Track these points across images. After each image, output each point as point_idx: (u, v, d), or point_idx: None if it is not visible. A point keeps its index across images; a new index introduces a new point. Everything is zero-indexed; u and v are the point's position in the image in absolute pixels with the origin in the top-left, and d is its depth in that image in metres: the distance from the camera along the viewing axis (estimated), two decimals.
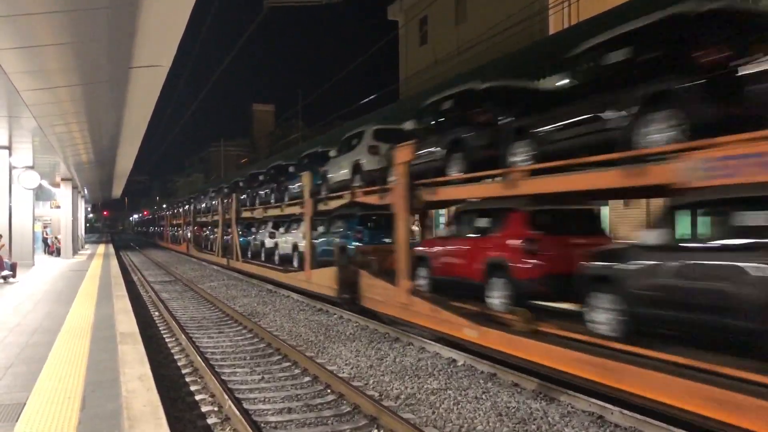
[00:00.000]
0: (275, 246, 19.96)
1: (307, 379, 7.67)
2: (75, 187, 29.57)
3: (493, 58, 14.93)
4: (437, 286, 10.01)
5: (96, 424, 4.46)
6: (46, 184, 26.28)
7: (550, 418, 6.03)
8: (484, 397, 6.76)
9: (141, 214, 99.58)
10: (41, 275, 17.43)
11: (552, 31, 17.69)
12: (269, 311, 13.38)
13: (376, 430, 5.78)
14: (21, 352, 6.94)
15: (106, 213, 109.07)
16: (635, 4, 10.29)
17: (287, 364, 8.45)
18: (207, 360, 8.38)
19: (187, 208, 38.52)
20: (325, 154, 15.55)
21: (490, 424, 5.90)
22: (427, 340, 9.32)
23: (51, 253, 28.13)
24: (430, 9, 25.02)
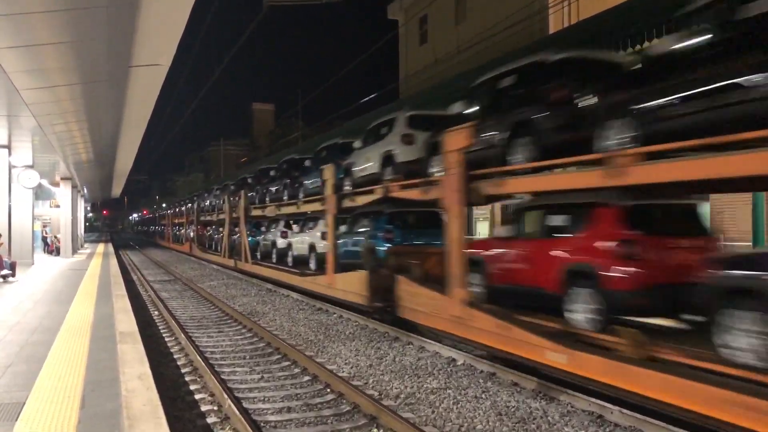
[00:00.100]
0: (288, 246, 18.64)
1: (307, 378, 7.67)
2: (74, 186, 29.57)
3: (493, 58, 14.93)
4: (494, 295, 8.68)
5: (96, 423, 4.46)
6: (45, 183, 26.29)
7: (549, 418, 6.03)
8: (483, 396, 6.76)
9: (141, 214, 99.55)
10: (41, 274, 17.43)
11: (552, 30, 17.69)
12: (269, 310, 13.38)
13: (375, 430, 5.78)
14: (20, 351, 6.94)
15: (105, 212, 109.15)
16: (634, 3, 10.31)
17: (287, 364, 8.45)
18: (206, 359, 8.37)
19: (190, 206, 37.18)
20: (348, 146, 14.22)
21: (490, 423, 5.90)
22: (427, 340, 9.31)
23: (50, 252, 28.13)
24: (430, 8, 25.03)
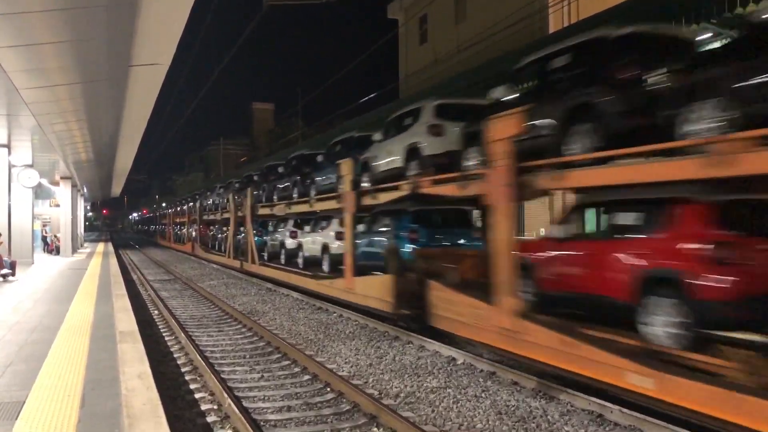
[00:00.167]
0: (298, 247, 17.70)
1: (307, 377, 7.67)
2: (74, 185, 29.56)
3: (493, 57, 14.93)
4: (545, 304, 7.70)
5: (95, 422, 4.46)
6: (45, 182, 26.29)
7: (549, 417, 6.03)
8: (483, 395, 6.76)
9: (140, 213, 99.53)
10: (41, 274, 17.43)
11: (552, 29, 17.70)
12: (269, 309, 13.38)
13: (375, 429, 5.78)
14: (20, 350, 6.94)
15: (105, 211, 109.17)
16: (634, 3, 10.31)
17: (287, 363, 8.45)
18: (206, 358, 8.37)
19: (193, 205, 36.16)
20: (365, 139, 13.37)
21: (490, 422, 5.91)
22: (427, 339, 9.31)
23: (50, 251, 28.13)
24: (430, 7, 25.04)
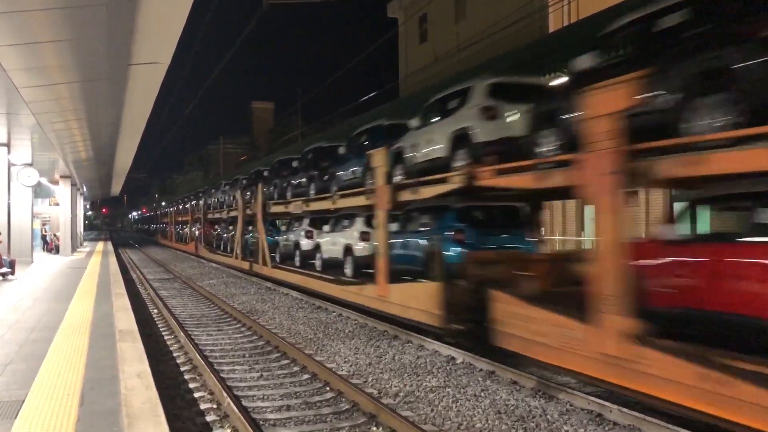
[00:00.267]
0: (316, 248, 16.09)
1: (306, 376, 7.67)
2: (74, 184, 29.55)
3: (493, 56, 14.92)
4: (658, 324, 5.77)
5: (95, 421, 4.46)
6: (44, 181, 26.28)
7: (549, 416, 6.04)
8: (483, 394, 6.77)
9: (140, 212, 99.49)
10: (40, 273, 17.42)
11: (552, 29, 17.70)
12: (268, 309, 13.38)
13: (375, 428, 5.79)
14: (20, 349, 6.93)
15: (105, 210, 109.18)
16: (633, 2, 10.29)
17: (286, 362, 8.45)
18: (206, 357, 8.38)
19: (196, 203, 34.81)
20: (397, 128, 12.07)
21: (489, 421, 5.91)
22: (427, 338, 9.31)
23: (50, 250, 28.12)
24: (430, 6, 25.05)
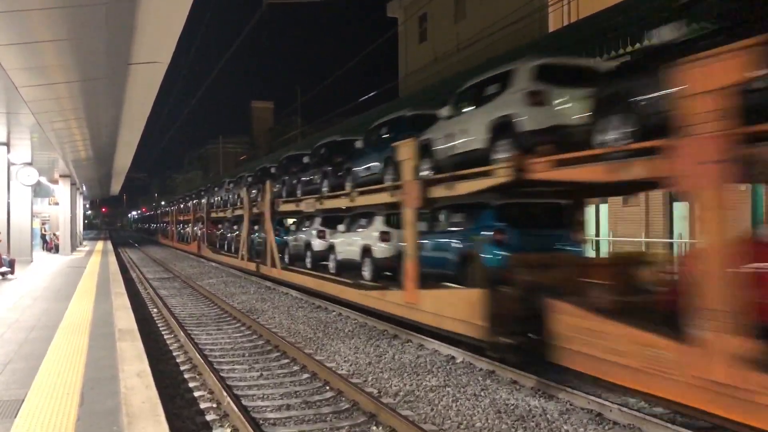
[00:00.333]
0: (329, 249, 14.96)
1: (306, 376, 7.67)
2: (73, 183, 29.56)
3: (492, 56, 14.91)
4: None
5: (95, 420, 4.46)
6: (44, 180, 26.29)
7: (548, 416, 6.04)
8: (482, 394, 6.77)
9: (140, 211, 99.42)
10: (39, 272, 17.42)
11: (552, 28, 17.69)
12: (268, 308, 13.38)
13: (374, 427, 5.79)
14: (19, 348, 6.93)
15: (104, 210, 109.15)
16: (633, 1, 10.29)
17: (286, 361, 8.45)
18: (205, 357, 8.38)
19: (198, 202, 33.52)
20: (423, 119, 11.08)
21: (489, 421, 5.91)
22: (426, 337, 9.31)
23: (49, 249, 28.12)
24: (430, 6, 25.04)
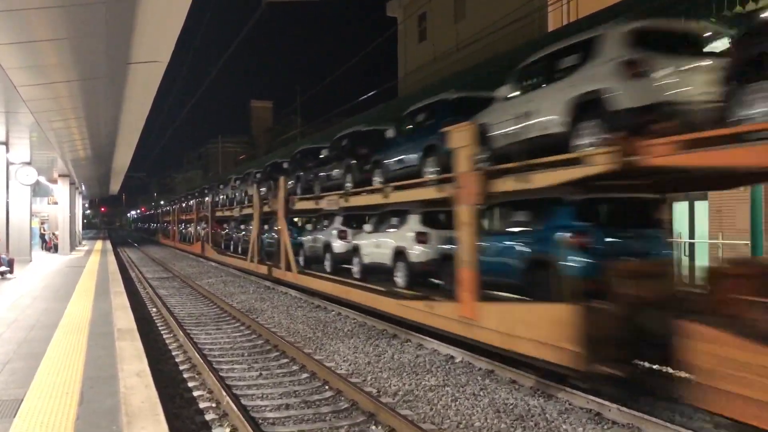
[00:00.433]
0: (353, 251, 13.43)
1: (305, 375, 7.67)
2: (72, 183, 29.53)
3: (492, 56, 14.91)
4: None
5: (94, 419, 4.46)
6: (43, 180, 26.27)
7: (548, 415, 6.04)
8: (482, 393, 6.77)
9: (139, 211, 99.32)
10: (39, 271, 17.41)
11: (551, 28, 17.69)
12: (267, 308, 13.38)
13: (374, 427, 5.79)
14: (19, 348, 6.93)
15: (103, 209, 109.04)
16: (632, 1, 10.29)
17: (285, 361, 8.45)
18: (205, 356, 8.38)
19: (202, 200, 32.15)
20: (472, 100, 9.60)
21: (488, 420, 5.91)
22: (425, 337, 9.32)
23: (48, 249, 28.11)
24: (429, 6, 25.04)
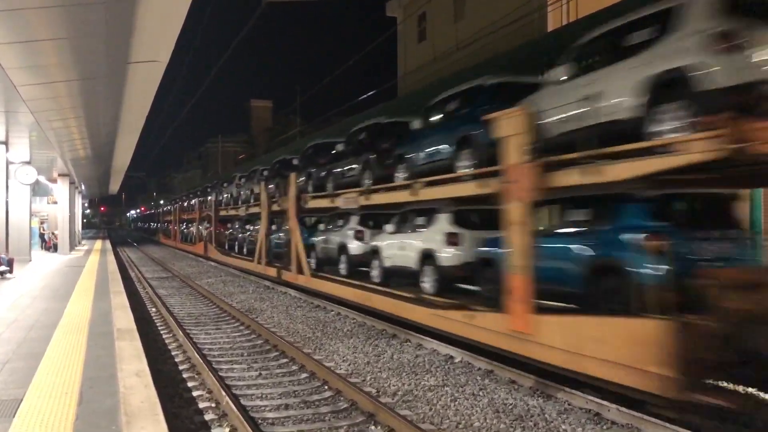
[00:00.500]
0: (372, 253, 12.46)
1: (305, 375, 7.68)
2: (72, 182, 29.52)
3: (491, 55, 14.91)
4: None
5: (93, 419, 4.46)
6: (43, 179, 26.25)
7: (547, 415, 6.05)
8: (481, 393, 6.78)
9: (138, 210, 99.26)
10: (38, 271, 17.40)
11: (550, 28, 17.69)
12: (266, 307, 13.38)
13: (373, 427, 5.79)
14: (18, 347, 6.93)
15: (103, 209, 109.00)
16: (632, 0, 10.29)
17: (284, 361, 8.45)
18: (204, 356, 8.38)
19: (204, 199, 31.44)
20: (512, 86, 8.65)
21: (488, 420, 5.92)
22: (425, 337, 9.32)
23: (48, 248, 28.11)
24: (429, 5, 25.04)
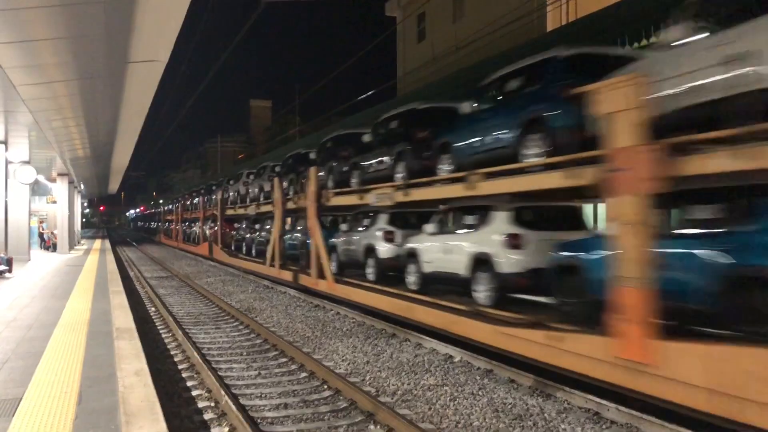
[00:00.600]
0: (408, 257, 10.81)
1: (304, 374, 7.68)
2: (71, 182, 29.51)
3: (491, 55, 14.92)
4: None
5: (93, 419, 4.46)
6: (42, 179, 26.24)
7: (546, 415, 6.05)
8: (480, 393, 6.78)
9: (138, 210, 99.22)
10: (37, 270, 17.40)
11: (550, 27, 17.70)
12: (266, 307, 13.38)
13: (372, 427, 5.79)
14: (17, 347, 6.93)
15: (102, 208, 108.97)
16: (632, 1, 10.30)
17: (284, 360, 8.46)
18: (204, 356, 8.38)
19: (209, 197, 29.89)
20: (595, 58, 7.50)
21: (487, 420, 5.92)
22: (424, 337, 9.33)
23: (47, 248, 28.11)
24: (428, 5, 25.05)
